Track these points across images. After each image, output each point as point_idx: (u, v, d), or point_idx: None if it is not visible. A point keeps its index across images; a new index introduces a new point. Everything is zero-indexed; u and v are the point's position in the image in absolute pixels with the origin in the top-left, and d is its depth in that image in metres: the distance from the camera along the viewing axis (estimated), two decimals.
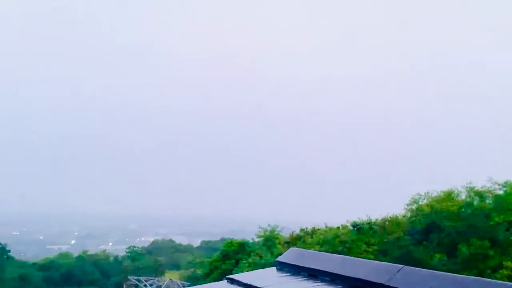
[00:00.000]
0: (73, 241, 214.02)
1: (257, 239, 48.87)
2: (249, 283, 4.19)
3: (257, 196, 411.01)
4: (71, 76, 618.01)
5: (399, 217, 42.05)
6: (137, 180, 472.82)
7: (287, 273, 4.38)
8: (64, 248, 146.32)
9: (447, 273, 3.10)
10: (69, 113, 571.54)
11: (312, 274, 4.08)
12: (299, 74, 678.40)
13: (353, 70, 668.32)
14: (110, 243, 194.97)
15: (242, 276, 4.55)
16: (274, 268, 4.65)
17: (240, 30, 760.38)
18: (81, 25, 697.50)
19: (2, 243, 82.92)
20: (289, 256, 4.60)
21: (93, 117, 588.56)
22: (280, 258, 4.65)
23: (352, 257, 4.08)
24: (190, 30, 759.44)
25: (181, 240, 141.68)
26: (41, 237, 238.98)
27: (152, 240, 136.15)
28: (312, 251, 4.76)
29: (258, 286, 4.02)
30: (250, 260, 42.79)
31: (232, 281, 4.45)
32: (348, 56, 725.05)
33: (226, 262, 50.16)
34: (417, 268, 3.29)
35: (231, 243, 54.39)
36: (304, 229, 45.57)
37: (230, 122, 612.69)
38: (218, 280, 5.33)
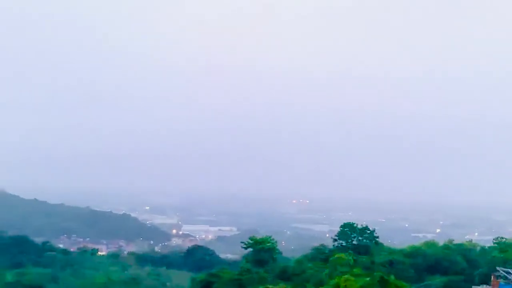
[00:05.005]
0: (438, 230, 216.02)
1: None
2: None
3: None
4: None
5: None
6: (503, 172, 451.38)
7: None
8: (429, 236, 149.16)
9: None
10: None
11: None
12: None
13: None
14: (476, 233, 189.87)
15: None
16: None
17: None
18: None
19: (371, 228, 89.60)
20: None
21: None
22: None
23: None
24: None
25: None
26: (406, 225, 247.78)
27: None
28: None
29: None
30: None
31: None
32: None
33: None
34: None
35: None
36: None
37: None
38: None
